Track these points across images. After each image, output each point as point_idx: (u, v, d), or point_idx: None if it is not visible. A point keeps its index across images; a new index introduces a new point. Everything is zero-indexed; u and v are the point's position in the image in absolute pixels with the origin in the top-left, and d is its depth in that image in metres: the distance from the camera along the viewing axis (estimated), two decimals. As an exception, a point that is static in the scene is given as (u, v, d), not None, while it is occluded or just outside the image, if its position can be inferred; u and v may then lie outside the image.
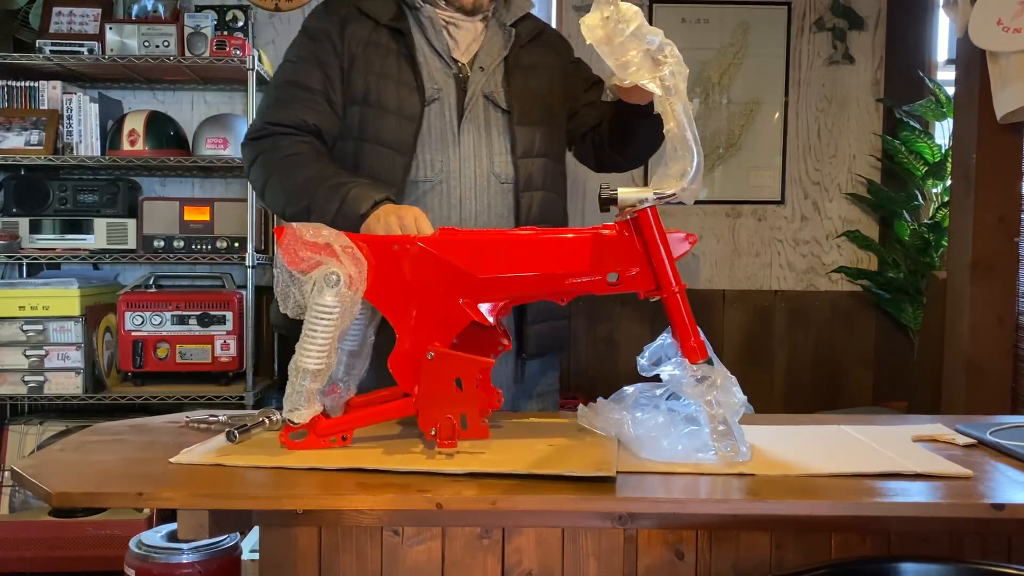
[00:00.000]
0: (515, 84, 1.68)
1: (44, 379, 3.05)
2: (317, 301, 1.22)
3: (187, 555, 1.36)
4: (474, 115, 1.65)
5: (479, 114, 1.66)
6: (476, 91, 1.65)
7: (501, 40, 1.70)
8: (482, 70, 1.66)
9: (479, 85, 1.66)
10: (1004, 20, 2.39)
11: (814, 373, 3.65)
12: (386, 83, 1.62)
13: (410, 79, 1.63)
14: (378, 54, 1.64)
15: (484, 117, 1.66)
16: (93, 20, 3.24)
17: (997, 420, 1.48)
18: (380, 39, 1.65)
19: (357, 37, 1.64)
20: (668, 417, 1.23)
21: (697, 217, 3.63)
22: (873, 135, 3.63)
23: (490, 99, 1.66)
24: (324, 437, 1.26)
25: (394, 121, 1.61)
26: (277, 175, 1.59)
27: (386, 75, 1.63)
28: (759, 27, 3.58)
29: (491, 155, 1.65)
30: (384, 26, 1.65)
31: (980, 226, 2.70)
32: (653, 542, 1.23)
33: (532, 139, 1.68)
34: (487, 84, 1.67)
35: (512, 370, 1.71)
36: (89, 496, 1.11)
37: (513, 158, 1.65)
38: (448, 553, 1.24)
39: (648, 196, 1.25)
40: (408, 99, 1.62)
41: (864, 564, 1.13)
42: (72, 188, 3.21)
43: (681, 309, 1.26)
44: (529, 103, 1.68)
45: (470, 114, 1.65)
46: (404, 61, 1.64)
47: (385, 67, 1.63)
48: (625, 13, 1.23)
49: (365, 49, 1.64)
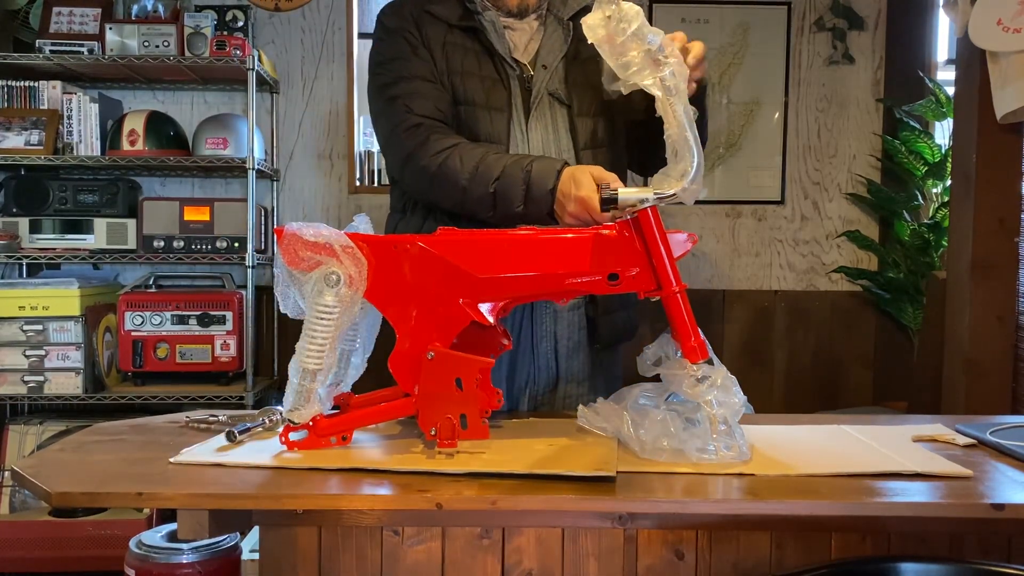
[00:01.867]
0: (574, 77, 1.68)
1: (44, 379, 3.05)
2: (317, 301, 1.22)
3: (187, 555, 1.36)
4: (540, 113, 1.66)
5: (545, 111, 1.66)
6: (541, 89, 1.66)
7: (561, 36, 1.69)
8: (545, 68, 1.66)
9: (543, 83, 1.66)
10: (1004, 20, 2.39)
11: (814, 373, 3.65)
12: (470, 79, 1.63)
13: (491, 72, 1.64)
14: (456, 53, 1.64)
15: (551, 114, 1.66)
16: (93, 20, 3.24)
17: (997, 420, 1.47)
18: (455, 39, 1.65)
19: (434, 38, 1.65)
20: (668, 417, 1.23)
21: (697, 217, 3.63)
22: (873, 135, 3.63)
23: (555, 96, 1.66)
24: (324, 437, 1.26)
25: (485, 115, 1.62)
26: (447, 164, 1.53)
27: (469, 72, 1.63)
28: (759, 27, 3.59)
29: (559, 151, 1.65)
30: (455, 26, 1.65)
31: (980, 226, 2.70)
32: (653, 542, 1.23)
33: (593, 130, 1.67)
34: (551, 82, 1.67)
35: (586, 363, 1.70)
36: (89, 496, 1.11)
37: (576, 151, 1.65)
38: (448, 553, 1.24)
39: (648, 196, 1.25)
40: (493, 92, 1.63)
41: (864, 564, 1.13)
42: (72, 188, 3.21)
43: (681, 309, 1.25)
44: (588, 95, 1.67)
45: (536, 112, 1.65)
46: (483, 57, 1.65)
47: (467, 64, 1.64)
48: (627, 13, 1.23)
49: (443, 49, 1.64)
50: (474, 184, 1.50)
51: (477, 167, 1.50)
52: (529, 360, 1.66)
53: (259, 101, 3.36)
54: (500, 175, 1.48)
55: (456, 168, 1.52)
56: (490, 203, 1.49)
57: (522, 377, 1.66)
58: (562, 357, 1.67)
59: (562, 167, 1.45)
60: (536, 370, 1.66)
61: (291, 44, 3.54)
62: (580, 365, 1.69)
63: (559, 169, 1.44)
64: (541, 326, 1.65)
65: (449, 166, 1.53)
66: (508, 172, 1.48)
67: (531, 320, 1.65)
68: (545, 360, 1.66)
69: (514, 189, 1.47)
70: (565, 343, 1.67)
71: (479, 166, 1.50)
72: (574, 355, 1.68)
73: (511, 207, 1.48)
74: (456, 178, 1.52)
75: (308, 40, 3.54)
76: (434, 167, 1.54)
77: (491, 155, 1.52)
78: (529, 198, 1.46)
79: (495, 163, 1.50)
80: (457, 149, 1.54)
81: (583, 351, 1.69)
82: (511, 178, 1.47)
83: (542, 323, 1.65)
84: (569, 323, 1.67)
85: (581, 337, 1.68)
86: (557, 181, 1.43)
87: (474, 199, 1.51)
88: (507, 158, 1.51)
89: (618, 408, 1.30)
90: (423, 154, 1.56)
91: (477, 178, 1.50)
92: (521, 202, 1.46)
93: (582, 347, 1.69)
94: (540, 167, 1.46)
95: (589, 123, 1.67)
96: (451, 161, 1.53)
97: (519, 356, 1.65)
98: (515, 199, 1.47)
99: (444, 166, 1.53)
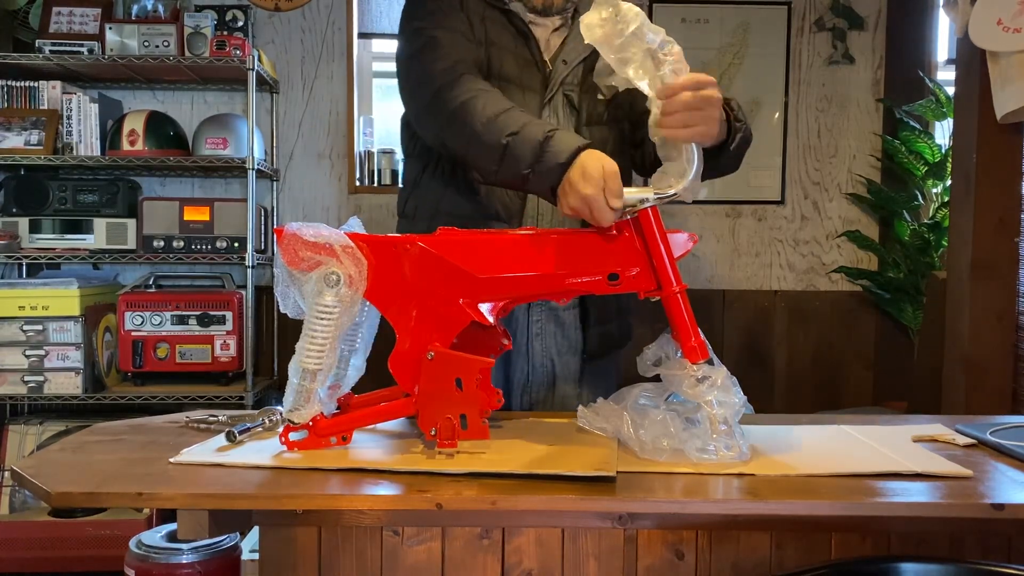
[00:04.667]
0: (588, 84, 1.64)
1: (44, 379, 3.05)
2: (317, 301, 1.22)
3: (187, 555, 1.37)
4: (552, 110, 1.64)
5: (558, 109, 1.64)
6: (556, 83, 1.64)
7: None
8: (565, 63, 1.65)
9: (560, 77, 1.64)
10: (1004, 20, 2.39)
11: (814, 373, 3.65)
12: (507, 55, 1.62)
13: (526, 54, 1.63)
14: (495, 27, 1.62)
15: (563, 114, 1.64)
16: (93, 20, 3.24)
17: (997, 420, 1.47)
18: (494, 15, 1.64)
19: (474, 9, 1.63)
20: (668, 417, 1.23)
21: (697, 217, 3.63)
22: (873, 135, 3.63)
23: (568, 97, 1.65)
24: (324, 437, 1.26)
25: (519, 93, 1.60)
26: (469, 104, 1.47)
27: (506, 48, 1.62)
28: (759, 27, 3.59)
29: None
30: (493, 5, 1.64)
31: (980, 226, 2.70)
32: (653, 542, 1.23)
33: (604, 140, 1.64)
34: (568, 80, 1.65)
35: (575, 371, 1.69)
36: (89, 496, 1.11)
37: None
38: (448, 553, 1.24)
39: (648, 196, 1.25)
40: (527, 71, 1.62)
41: (864, 564, 1.13)
42: (72, 188, 3.21)
43: (681, 309, 1.26)
44: (600, 104, 1.66)
45: (548, 108, 1.64)
46: (518, 37, 1.63)
47: (504, 40, 1.62)
48: (626, 14, 1.23)
49: (483, 21, 1.62)
50: (488, 130, 1.43)
51: (498, 115, 1.44)
52: (525, 361, 1.66)
53: (259, 101, 3.36)
54: (519, 130, 1.40)
55: (478, 109, 1.45)
56: (499, 155, 1.41)
57: (517, 378, 1.66)
58: (556, 361, 1.66)
59: (584, 146, 1.36)
60: (531, 370, 1.66)
61: (291, 44, 3.54)
62: (573, 370, 1.68)
63: (580, 147, 1.35)
64: (535, 327, 1.65)
65: (471, 106, 1.46)
66: (527, 130, 1.40)
67: (526, 322, 1.64)
68: (541, 361, 1.66)
69: (527, 149, 1.38)
70: (558, 346, 1.66)
71: (500, 115, 1.44)
72: (568, 359, 1.67)
73: (518, 167, 1.39)
74: (474, 120, 1.44)
75: (308, 40, 3.54)
76: (456, 103, 1.48)
77: (517, 110, 1.46)
78: (538, 163, 1.36)
79: (518, 117, 1.43)
80: (487, 94, 1.48)
81: (577, 356, 1.68)
82: (528, 137, 1.39)
83: (536, 324, 1.65)
84: (564, 326, 1.66)
85: (575, 341, 1.67)
86: (573, 159, 1.34)
87: (484, 145, 1.43)
88: (532, 118, 1.45)
89: (618, 408, 1.30)
90: (451, 90, 1.50)
91: (495, 126, 1.43)
92: (529, 165, 1.37)
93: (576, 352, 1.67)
94: (562, 137, 1.38)
95: (597, 132, 1.64)
96: (475, 102, 1.46)
97: (514, 357, 1.65)
98: (524, 159, 1.38)
99: (467, 104, 1.47)
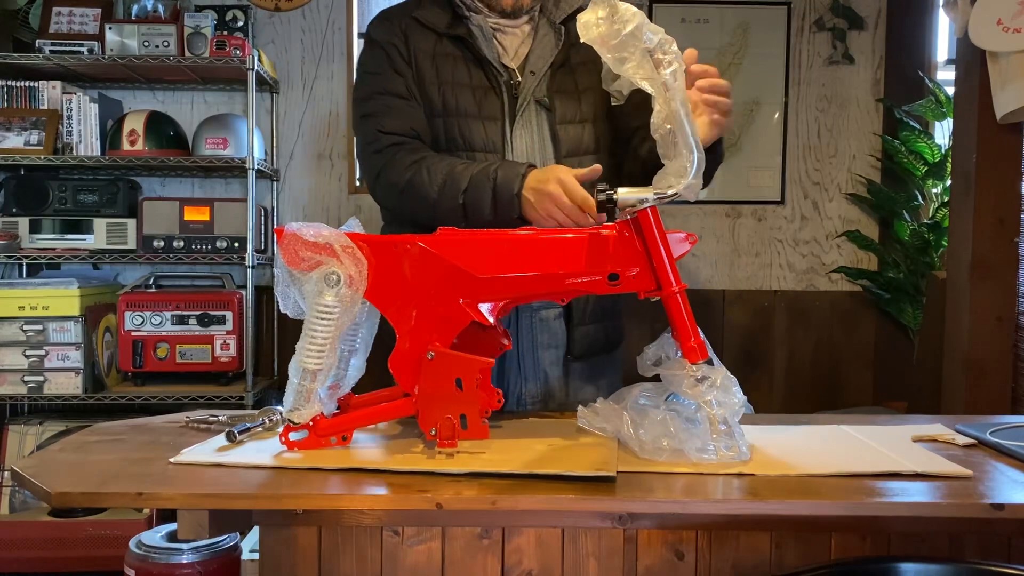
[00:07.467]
0: (559, 83, 1.66)
1: (44, 379, 3.05)
2: (317, 301, 1.22)
3: (187, 555, 1.37)
4: (526, 119, 1.64)
5: (531, 119, 1.64)
6: (527, 95, 1.64)
7: (552, 40, 1.67)
8: (533, 74, 1.64)
9: (530, 90, 1.64)
10: (1004, 20, 2.39)
11: (814, 373, 3.65)
12: (463, 91, 1.62)
13: (483, 81, 1.63)
14: (447, 64, 1.63)
15: (536, 121, 1.64)
16: (93, 20, 3.24)
17: (997, 420, 1.48)
18: (444, 49, 1.64)
19: (422, 49, 1.64)
20: (668, 417, 1.23)
21: (697, 217, 3.63)
22: (873, 135, 3.63)
23: (540, 103, 1.65)
24: (324, 437, 1.26)
25: (479, 125, 1.61)
26: (415, 180, 1.55)
27: (461, 83, 1.63)
28: (759, 27, 3.58)
29: (543, 158, 1.63)
30: (444, 35, 1.64)
31: (980, 226, 2.70)
32: (653, 542, 1.23)
33: (579, 137, 1.65)
34: (538, 88, 1.65)
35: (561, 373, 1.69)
36: (89, 496, 1.11)
37: (558, 158, 1.63)
38: (448, 553, 1.24)
39: (648, 196, 1.25)
40: (486, 101, 1.62)
41: (864, 564, 1.13)
42: (72, 188, 3.21)
43: (681, 309, 1.25)
44: (573, 101, 1.66)
45: (522, 119, 1.63)
46: (473, 66, 1.64)
47: (458, 75, 1.63)
48: (623, 14, 1.23)
49: (433, 60, 1.63)
50: (444, 197, 1.52)
51: (445, 180, 1.52)
52: (516, 364, 1.65)
53: (259, 101, 3.36)
54: (468, 185, 1.50)
55: (424, 182, 1.54)
56: (461, 214, 1.50)
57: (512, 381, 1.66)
58: (547, 362, 1.66)
59: (527, 170, 1.46)
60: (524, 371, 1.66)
61: (291, 44, 3.54)
62: (561, 373, 1.68)
63: (523, 173, 1.46)
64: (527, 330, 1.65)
65: (417, 181, 1.54)
66: (475, 181, 1.49)
67: (516, 324, 1.63)
68: (531, 363, 1.66)
69: (483, 197, 1.48)
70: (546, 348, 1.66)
71: (447, 179, 1.52)
72: (556, 362, 1.67)
73: (482, 215, 1.48)
74: (426, 192, 1.53)
75: (308, 40, 3.54)
76: (403, 183, 1.56)
77: (458, 166, 1.53)
78: (497, 204, 1.47)
79: (463, 173, 1.51)
80: (424, 163, 1.55)
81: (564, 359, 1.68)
82: (479, 187, 1.49)
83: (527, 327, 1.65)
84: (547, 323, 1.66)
85: (560, 341, 1.67)
86: (522, 185, 1.45)
87: (445, 211, 1.52)
88: (474, 167, 1.52)
89: (618, 408, 1.30)
90: (391, 171, 1.58)
91: (446, 190, 1.51)
92: (491, 209, 1.48)
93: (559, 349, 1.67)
94: (505, 172, 1.48)
95: (573, 130, 1.65)
96: (419, 176, 1.54)
97: (507, 359, 1.64)
98: (484, 207, 1.48)
99: (412, 181, 1.55)
